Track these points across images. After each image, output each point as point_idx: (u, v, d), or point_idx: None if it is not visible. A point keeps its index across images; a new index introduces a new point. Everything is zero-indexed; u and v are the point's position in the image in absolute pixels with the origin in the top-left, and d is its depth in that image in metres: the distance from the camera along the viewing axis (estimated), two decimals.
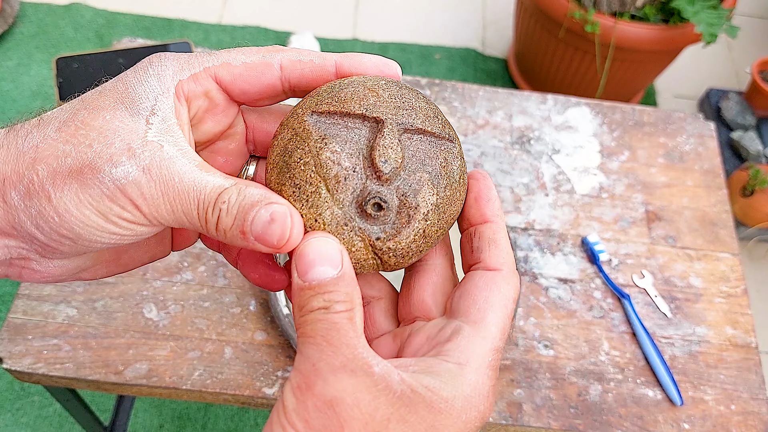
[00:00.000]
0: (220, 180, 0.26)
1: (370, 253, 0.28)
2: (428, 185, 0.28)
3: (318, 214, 0.27)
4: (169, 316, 0.72)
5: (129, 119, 0.25)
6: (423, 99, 0.29)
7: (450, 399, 0.24)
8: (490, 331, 0.26)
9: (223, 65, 0.28)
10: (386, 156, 0.27)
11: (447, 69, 1.89)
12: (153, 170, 0.25)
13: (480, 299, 0.27)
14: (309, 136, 0.27)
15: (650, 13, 1.49)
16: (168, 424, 1.28)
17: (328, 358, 0.23)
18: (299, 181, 0.27)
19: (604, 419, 0.71)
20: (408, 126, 0.28)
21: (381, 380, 0.23)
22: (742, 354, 0.77)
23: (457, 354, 0.26)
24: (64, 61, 0.88)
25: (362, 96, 0.28)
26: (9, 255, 0.26)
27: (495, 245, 0.29)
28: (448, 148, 0.29)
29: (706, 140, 0.95)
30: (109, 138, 0.25)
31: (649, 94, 1.92)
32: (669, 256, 0.83)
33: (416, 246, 0.28)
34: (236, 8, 1.94)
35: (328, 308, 0.24)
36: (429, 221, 0.28)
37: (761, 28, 2.12)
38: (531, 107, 0.95)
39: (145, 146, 0.25)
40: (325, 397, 0.23)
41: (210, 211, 0.25)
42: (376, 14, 2.01)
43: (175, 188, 0.25)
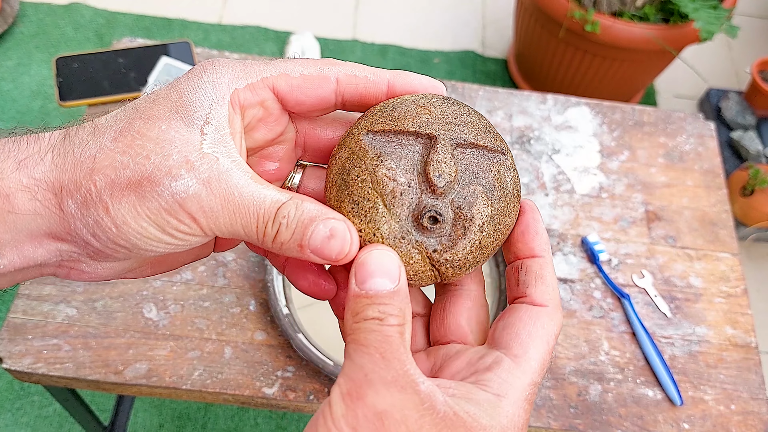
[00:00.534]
0: (277, 194, 0.26)
1: (428, 265, 0.29)
2: (482, 197, 0.28)
3: (376, 228, 0.28)
4: (169, 316, 0.72)
5: (184, 129, 0.26)
6: (474, 114, 0.30)
7: (488, 427, 0.25)
8: (531, 366, 0.27)
9: (281, 76, 0.28)
10: (440, 170, 0.28)
11: (446, 72, 1.89)
12: (212, 184, 0.25)
13: (523, 333, 0.28)
14: (365, 155, 0.28)
15: (650, 12, 1.49)
16: (168, 424, 1.28)
17: (381, 371, 0.24)
18: (357, 197, 0.28)
19: (604, 419, 0.71)
20: (460, 141, 0.29)
21: (427, 399, 0.24)
22: (742, 354, 0.77)
23: (497, 385, 0.26)
24: (64, 61, 0.88)
25: (415, 114, 0.29)
26: (60, 257, 0.27)
27: (542, 281, 0.29)
28: (501, 161, 0.29)
29: (706, 140, 0.95)
30: (166, 149, 0.25)
31: (649, 94, 1.92)
32: (669, 256, 0.83)
33: (473, 257, 0.29)
34: (236, 8, 1.94)
35: (382, 320, 0.25)
36: (485, 232, 0.29)
37: (761, 28, 2.12)
38: (531, 107, 0.95)
39: (203, 159, 0.25)
40: (376, 408, 0.23)
41: (270, 225, 0.26)
42: (376, 14, 2.01)
43: (234, 202, 0.25)
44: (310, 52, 1.81)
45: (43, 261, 0.27)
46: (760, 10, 2.16)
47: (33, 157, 0.26)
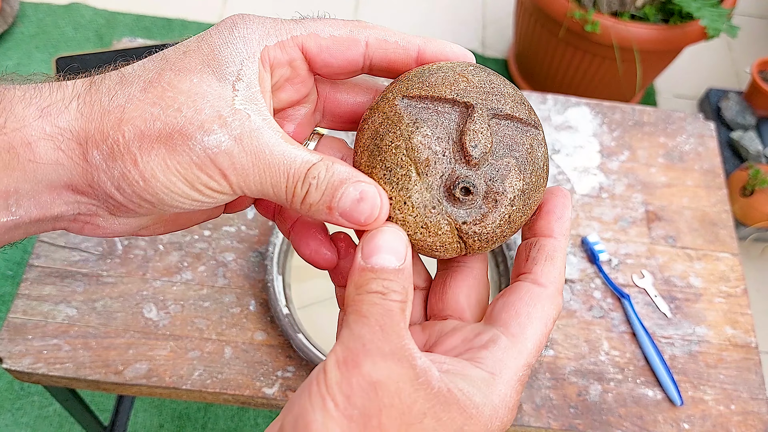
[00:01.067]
0: (308, 155, 0.26)
1: (455, 237, 0.28)
2: (515, 171, 0.28)
3: (407, 196, 0.27)
4: (169, 316, 0.72)
5: (216, 84, 0.25)
6: (510, 85, 0.29)
7: (480, 406, 0.25)
8: (526, 347, 0.27)
9: (311, 36, 0.27)
10: (476, 141, 0.27)
11: None
12: (244, 140, 0.25)
13: (523, 313, 0.27)
14: (401, 120, 0.28)
15: (650, 13, 1.49)
16: (168, 424, 1.28)
17: (379, 342, 0.24)
18: (390, 164, 0.27)
19: (603, 419, 0.71)
20: (497, 111, 0.28)
21: (423, 374, 0.24)
22: (742, 354, 0.77)
23: (492, 364, 0.26)
24: (64, 61, 0.88)
25: (453, 81, 0.28)
26: (77, 210, 0.26)
27: (551, 262, 0.29)
28: (534, 135, 0.29)
29: (706, 140, 0.95)
30: (198, 103, 0.24)
31: (649, 94, 1.92)
32: (669, 256, 0.83)
33: (501, 231, 0.28)
34: (236, 8, 1.94)
35: (385, 294, 0.25)
36: (515, 206, 0.28)
37: (761, 28, 2.12)
38: None
39: (235, 115, 0.25)
40: (371, 378, 0.23)
41: (299, 185, 0.26)
42: (376, 14, 2.01)
43: (266, 160, 0.25)
44: None
45: (59, 214, 0.26)
46: (760, 10, 2.16)
47: (57, 104, 0.25)
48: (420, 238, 0.28)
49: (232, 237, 0.78)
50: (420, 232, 0.28)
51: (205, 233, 0.78)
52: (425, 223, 0.27)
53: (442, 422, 0.24)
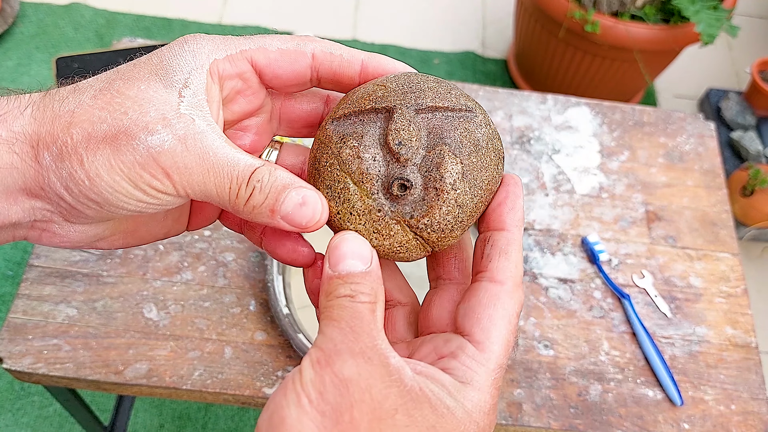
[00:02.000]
0: (250, 159, 0.27)
1: (410, 234, 0.29)
2: (449, 155, 0.28)
3: (351, 207, 0.28)
4: (169, 316, 0.72)
5: (163, 90, 0.26)
6: (434, 80, 0.30)
7: (452, 408, 0.25)
8: (494, 351, 0.27)
9: (260, 49, 0.29)
10: (399, 138, 0.28)
11: (446, 73, 1.89)
12: (188, 141, 0.26)
13: (484, 318, 0.28)
14: (330, 140, 0.29)
15: (650, 13, 1.49)
16: (168, 424, 1.28)
17: (350, 343, 0.25)
18: (329, 181, 0.29)
19: (604, 419, 0.71)
20: (419, 107, 0.29)
21: (395, 372, 0.24)
22: (742, 354, 0.77)
23: (461, 373, 0.26)
24: (64, 61, 0.88)
25: (371, 92, 0.30)
26: (33, 216, 0.27)
27: (505, 256, 0.29)
28: (468, 118, 0.29)
29: (706, 140, 0.95)
30: (144, 107, 0.26)
31: (649, 94, 1.92)
32: (669, 256, 0.83)
33: (453, 217, 0.28)
34: (236, 8, 1.94)
35: (353, 297, 0.25)
36: (458, 190, 0.28)
37: (761, 28, 2.12)
38: (531, 107, 0.95)
39: (179, 118, 0.26)
40: (342, 375, 0.24)
41: (243, 187, 0.26)
42: (376, 14, 2.01)
43: (210, 161, 0.26)
44: None
45: (17, 220, 0.27)
46: (760, 10, 2.16)
47: (12, 112, 0.26)
48: (378, 244, 0.29)
49: (232, 237, 0.78)
50: (375, 238, 0.29)
51: (205, 233, 0.78)
52: (375, 227, 0.28)
53: (413, 419, 0.24)
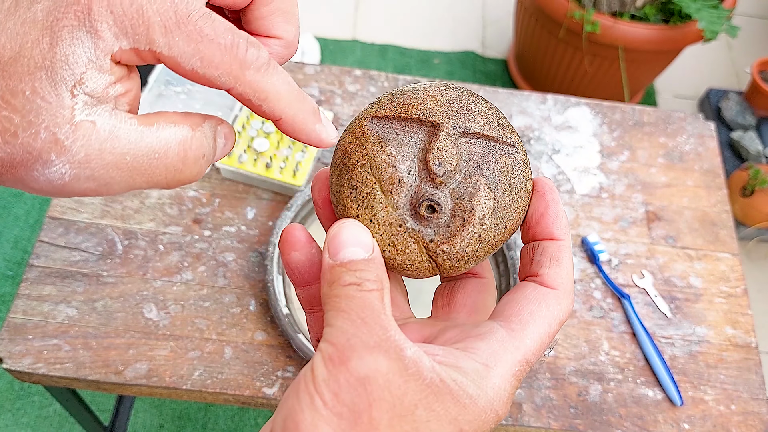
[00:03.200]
0: (176, 131, 0.24)
1: (425, 256, 0.28)
2: (485, 189, 0.28)
3: (373, 214, 0.28)
4: (169, 316, 0.72)
5: (51, 93, 0.22)
6: (484, 104, 0.29)
7: (474, 397, 0.24)
8: (525, 343, 0.26)
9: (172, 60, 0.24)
10: (440, 159, 0.27)
11: (446, 73, 1.89)
12: (92, 161, 0.22)
13: (525, 311, 0.27)
14: (367, 140, 0.28)
15: (650, 13, 1.49)
16: (168, 424, 1.28)
17: (363, 336, 0.23)
18: (356, 182, 0.28)
19: (604, 419, 0.71)
20: (465, 130, 0.28)
21: (413, 365, 0.23)
22: (742, 354, 0.77)
23: (486, 355, 0.25)
24: None
25: (420, 100, 0.28)
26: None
27: (557, 264, 0.28)
28: (509, 153, 0.28)
29: (706, 140, 0.95)
30: (33, 125, 0.22)
31: (649, 94, 1.92)
32: (669, 256, 0.83)
33: (471, 251, 0.28)
34: None
35: (360, 285, 0.24)
36: (485, 226, 0.28)
37: (761, 28, 2.12)
38: (531, 107, 0.95)
39: (75, 133, 0.22)
40: (358, 373, 0.23)
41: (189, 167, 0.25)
42: (376, 14, 2.01)
43: (129, 166, 0.23)
44: (310, 53, 1.81)
45: None
46: (760, 10, 2.16)
47: None
48: (389, 256, 0.28)
49: (232, 237, 0.78)
50: (389, 251, 0.28)
51: (205, 233, 0.78)
52: (392, 241, 0.28)
53: (435, 412, 0.23)
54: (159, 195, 0.80)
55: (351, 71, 0.94)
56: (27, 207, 1.51)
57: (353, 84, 0.92)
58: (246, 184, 0.82)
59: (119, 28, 0.23)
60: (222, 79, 0.24)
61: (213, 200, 0.80)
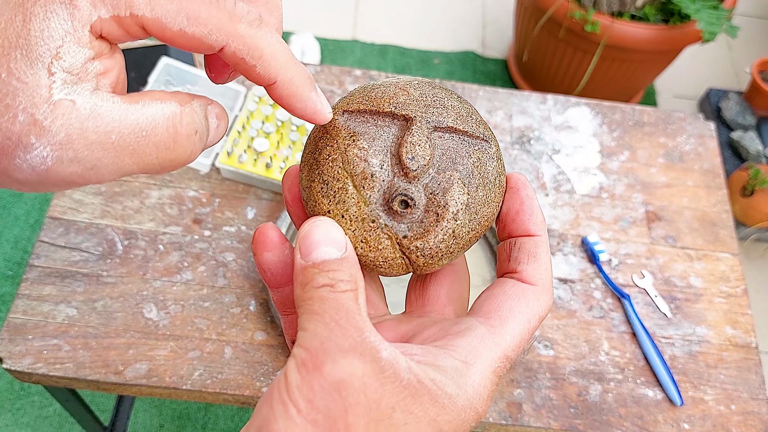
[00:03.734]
0: (160, 107, 0.23)
1: (398, 252, 0.27)
2: (458, 184, 0.27)
3: (345, 210, 0.27)
4: (169, 316, 0.72)
5: (28, 71, 0.21)
6: (457, 98, 0.29)
7: (453, 396, 0.24)
8: (505, 339, 0.26)
9: (156, 21, 0.22)
10: (413, 153, 0.27)
11: (446, 73, 1.90)
12: (75, 141, 0.21)
13: (504, 307, 0.26)
14: (338, 134, 0.27)
15: (650, 13, 1.49)
16: (168, 424, 1.28)
17: (337, 339, 0.23)
18: (327, 177, 0.27)
19: (604, 419, 0.71)
20: (438, 124, 0.27)
21: (389, 366, 0.23)
22: (742, 354, 0.77)
23: (466, 352, 0.25)
24: None
25: (392, 94, 0.28)
26: None
27: (535, 259, 0.28)
28: (483, 148, 0.28)
29: (706, 140, 0.95)
30: (11, 108, 0.21)
31: (649, 94, 1.92)
32: (669, 256, 0.83)
33: (446, 246, 0.27)
34: None
35: (333, 286, 0.24)
36: (459, 221, 0.27)
37: (761, 28, 2.12)
38: (531, 107, 0.95)
39: (54, 112, 0.21)
40: (333, 378, 0.22)
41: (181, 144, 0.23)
42: (376, 14, 2.01)
43: (114, 145, 0.22)
44: (310, 53, 1.81)
45: None
46: (760, 10, 2.16)
47: None
48: (362, 253, 0.27)
49: (232, 237, 0.78)
50: (361, 247, 0.27)
51: (205, 233, 0.78)
52: (364, 237, 0.27)
53: (413, 414, 0.23)
54: (159, 195, 0.80)
55: (351, 71, 0.94)
56: (27, 207, 1.51)
57: (353, 84, 0.92)
58: (246, 184, 0.82)
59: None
60: (213, 36, 0.22)
61: (213, 200, 0.80)
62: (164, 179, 0.81)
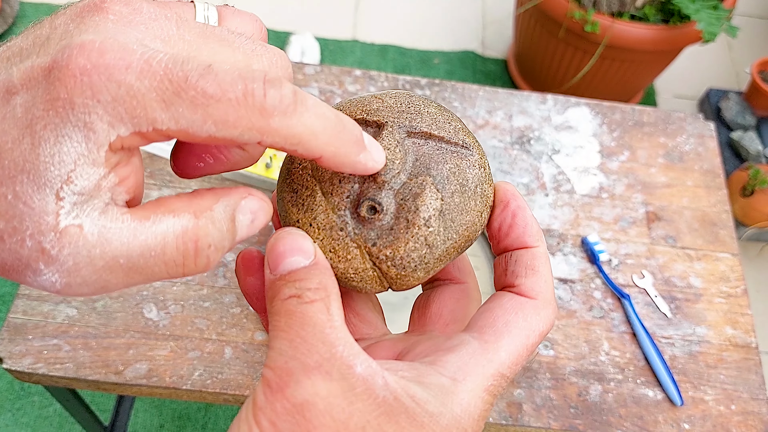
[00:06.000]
0: (172, 223, 0.21)
1: (368, 263, 0.26)
2: (430, 188, 0.26)
3: (312, 218, 0.26)
4: (169, 316, 0.72)
5: (35, 197, 0.20)
6: (435, 106, 0.28)
7: (436, 415, 0.22)
8: (500, 355, 0.24)
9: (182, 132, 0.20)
10: None
11: (446, 73, 1.90)
12: (82, 269, 0.20)
13: (500, 321, 0.25)
14: None
15: (650, 13, 1.49)
16: (168, 424, 1.28)
17: (302, 357, 0.21)
18: (297, 185, 0.27)
19: (604, 419, 0.71)
20: (412, 129, 0.27)
21: (361, 383, 0.21)
22: (742, 354, 0.77)
23: (455, 368, 0.23)
24: None
25: (366, 102, 0.28)
26: None
27: (533, 272, 0.26)
28: (462, 155, 0.27)
29: (706, 140, 0.95)
30: (18, 232, 0.20)
31: (649, 94, 1.92)
32: (669, 256, 0.83)
33: (418, 256, 0.26)
34: (237, 7, 1.94)
35: (300, 296, 0.22)
36: (431, 228, 0.26)
37: (761, 28, 2.12)
38: (531, 107, 0.95)
39: (61, 240, 0.20)
40: (295, 400, 0.21)
41: (192, 260, 0.22)
42: (376, 14, 2.01)
43: (123, 268, 0.21)
44: (310, 53, 1.81)
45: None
46: (760, 10, 2.16)
47: None
48: (331, 264, 0.26)
49: None
50: (330, 257, 0.26)
51: None
52: (333, 246, 0.26)
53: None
54: (159, 195, 0.80)
55: (351, 71, 0.94)
56: None
57: (353, 84, 0.92)
58: (246, 184, 0.82)
59: (112, 115, 0.20)
60: (245, 136, 0.21)
61: None
62: (164, 179, 0.81)
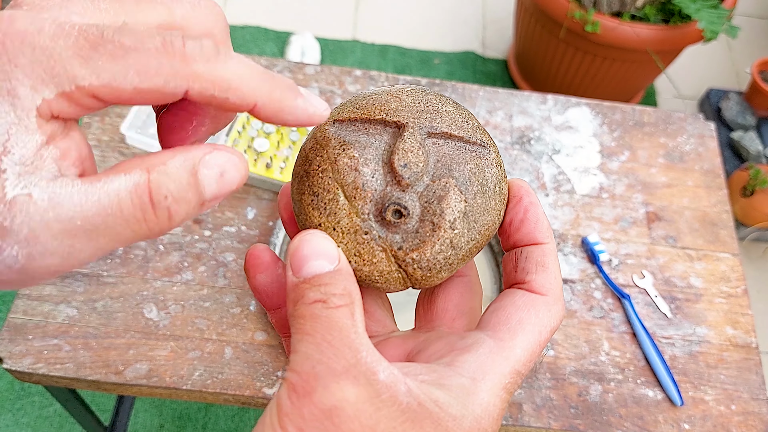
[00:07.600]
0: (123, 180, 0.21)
1: (394, 265, 0.26)
2: (455, 191, 0.26)
3: (336, 222, 0.26)
4: (170, 316, 0.72)
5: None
6: (452, 104, 0.28)
7: (459, 417, 0.22)
8: (515, 353, 0.24)
9: (107, 87, 0.20)
10: (406, 160, 0.26)
11: (446, 73, 1.90)
12: (40, 236, 0.20)
13: (514, 319, 0.25)
14: (328, 143, 0.26)
15: (650, 13, 1.49)
16: (168, 424, 1.28)
17: (329, 361, 0.21)
18: (317, 188, 0.26)
19: (604, 419, 0.71)
20: (432, 130, 0.26)
21: (385, 390, 0.22)
22: (742, 354, 0.77)
23: (474, 368, 0.24)
24: None
25: (384, 101, 0.27)
26: None
27: (543, 269, 0.26)
28: (481, 154, 0.27)
29: (706, 140, 0.95)
30: None
31: (649, 94, 1.92)
32: (669, 256, 0.83)
33: (444, 258, 0.26)
34: (236, 8, 1.94)
35: (326, 301, 0.22)
36: (456, 230, 0.26)
37: (761, 28, 2.12)
38: (531, 107, 0.95)
39: (12, 210, 0.20)
40: (324, 405, 0.21)
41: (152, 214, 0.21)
42: (376, 14, 2.01)
43: (83, 230, 0.20)
44: (310, 53, 1.81)
45: None
46: (760, 10, 2.16)
47: None
48: (356, 267, 0.26)
49: (232, 237, 0.78)
50: (355, 261, 0.26)
51: (205, 233, 0.78)
52: (358, 250, 0.26)
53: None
54: None
55: (351, 71, 0.94)
56: None
57: (353, 84, 0.92)
58: (246, 184, 0.82)
59: (32, 78, 0.20)
60: (171, 84, 0.20)
61: None
62: None
